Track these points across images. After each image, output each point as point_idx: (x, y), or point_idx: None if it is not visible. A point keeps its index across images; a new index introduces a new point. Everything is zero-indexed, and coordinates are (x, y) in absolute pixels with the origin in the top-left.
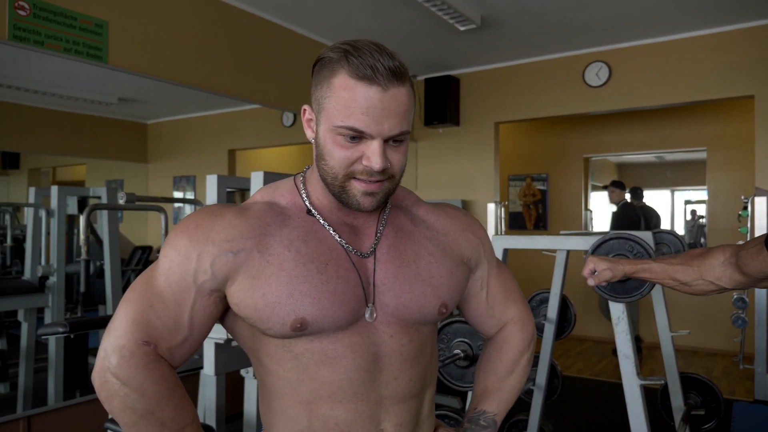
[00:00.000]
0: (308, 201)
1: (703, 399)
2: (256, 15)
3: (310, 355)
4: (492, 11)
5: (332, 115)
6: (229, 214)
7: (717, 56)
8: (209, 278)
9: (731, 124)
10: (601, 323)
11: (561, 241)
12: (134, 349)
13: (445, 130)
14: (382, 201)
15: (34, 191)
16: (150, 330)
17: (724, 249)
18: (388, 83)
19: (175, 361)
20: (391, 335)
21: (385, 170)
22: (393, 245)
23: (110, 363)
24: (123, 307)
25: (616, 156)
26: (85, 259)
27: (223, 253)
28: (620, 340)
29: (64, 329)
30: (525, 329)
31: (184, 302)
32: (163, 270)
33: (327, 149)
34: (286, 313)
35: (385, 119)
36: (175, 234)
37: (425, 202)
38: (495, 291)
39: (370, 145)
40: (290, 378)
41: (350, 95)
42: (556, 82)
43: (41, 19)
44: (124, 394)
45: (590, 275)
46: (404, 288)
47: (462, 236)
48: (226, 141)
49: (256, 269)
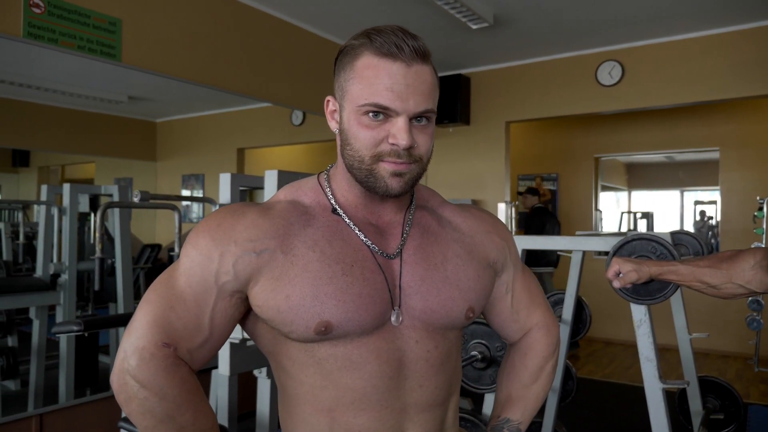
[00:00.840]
0: (333, 199)
1: (722, 403)
2: (268, 13)
3: (333, 360)
4: (505, 9)
5: (356, 96)
6: (252, 213)
7: (731, 55)
8: (231, 279)
9: (744, 123)
10: (611, 324)
11: (579, 241)
12: (154, 351)
13: (455, 129)
14: (410, 184)
15: (46, 189)
16: (170, 331)
17: (755, 252)
18: (411, 60)
19: (195, 363)
20: (417, 341)
21: (411, 151)
22: (420, 246)
23: (130, 365)
24: (143, 308)
25: (626, 156)
26: (99, 257)
27: (246, 253)
28: (642, 343)
29: (79, 327)
30: (550, 335)
31: (205, 303)
32: (184, 270)
33: (352, 132)
34: (310, 315)
35: (410, 95)
36: (196, 233)
37: (450, 203)
38: (520, 295)
39: (396, 122)
40: (312, 384)
41: (374, 72)
42: (568, 81)
43: (56, 17)
44: (143, 396)
45: (615, 277)
46: (431, 291)
47: (488, 238)
48: (235, 139)
49: (280, 270)
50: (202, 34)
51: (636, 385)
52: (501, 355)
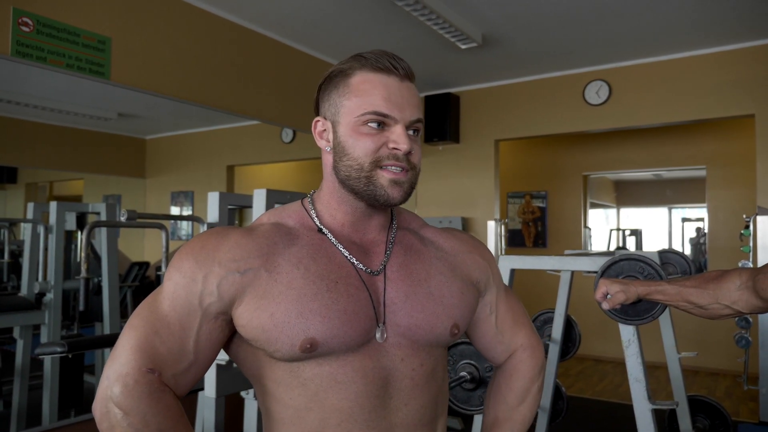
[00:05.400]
0: (318, 220)
1: (711, 422)
2: (258, 32)
3: (319, 380)
4: (493, 30)
5: (354, 108)
6: (235, 234)
7: (717, 75)
8: (215, 300)
9: (731, 142)
10: (601, 342)
11: (568, 261)
12: (138, 377)
13: (445, 148)
14: (408, 193)
15: (33, 207)
16: (154, 357)
17: (741, 273)
18: (403, 76)
19: (180, 389)
20: (402, 359)
21: (409, 157)
22: (403, 264)
23: (113, 392)
24: (126, 333)
25: (614, 174)
26: (84, 277)
27: (230, 273)
28: (631, 364)
29: (62, 349)
30: (535, 356)
31: (189, 326)
32: (167, 293)
33: (350, 143)
34: (295, 333)
35: (405, 105)
36: (179, 256)
37: (431, 226)
38: (504, 316)
39: (395, 130)
40: (297, 406)
41: (371, 85)
42: (556, 101)
43: (44, 35)
44: (126, 424)
45: (603, 298)
46: (416, 307)
47: (470, 258)
48: (225, 157)
49: (264, 288)
50: (191, 53)
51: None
52: (490, 375)
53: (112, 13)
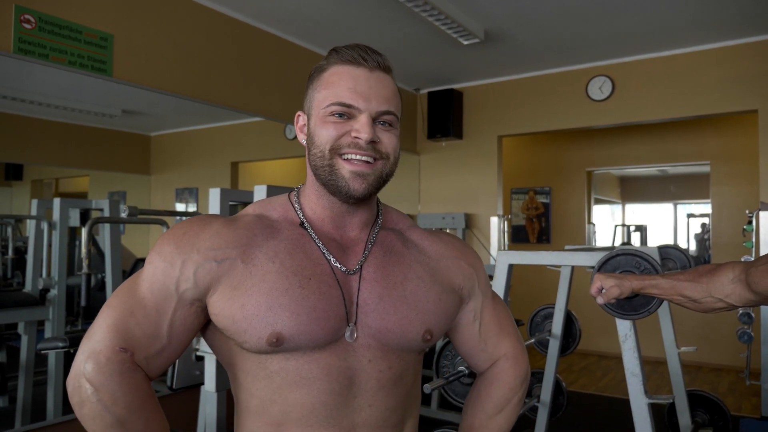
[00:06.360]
0: (302, 213)
1: (711, 417)
2: (260, 28)
3: (284, 374)
4: (495, 26)
5: (321, 100)
6: (217, 223)
7: (721, 71)
8: (191, 286)
9: (735, 138)
10: (605, 338)
11: (566, 257)
12: (110, 356)
13: (448, 144)
14: (375, 185)
15: (37, 203)
16: (128, 337)
17: (734, 266)
18: (373, 67)
19: (152, 371)
20: (369, 360)
21: (376, 146)
22: (380, 265)
23: (85, 368)
24: (104, 313)
25: (619, 169)
26: (86, 273)
27: (207, 261)
28: (628, 358)
29: (64, 344)
30: (518, 366)
31: (164, 310)
32: (146, 276)
33: (316, 133)
34: (263, 326)
35: (372, 96)
36: (161, 241)
37: (419, 228)
38: (488, 324)
39: (359, 119)
40: (262, 397)
41: (339, 77)
42: (559, 96)
43: (47, 32)
44: (96, 400)
45: (598, 293)
46: (388, 310)
47: (455, 263)
48: (229, 153)
49: (239, 279)
50: (194, 49)
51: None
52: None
53: (114, 10)
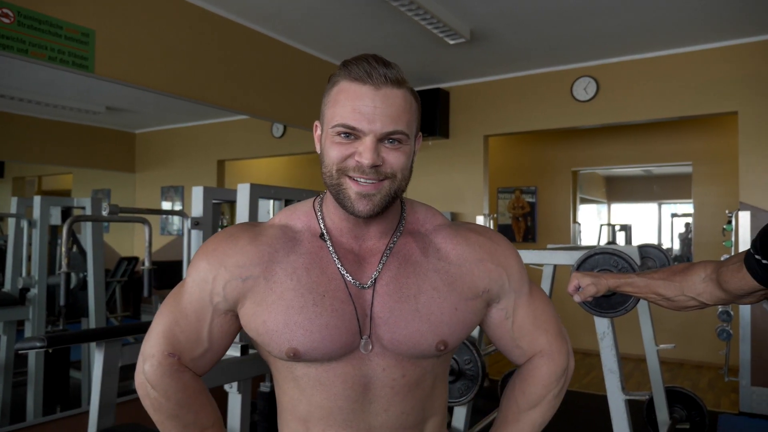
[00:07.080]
0: (323, 223)
1: (688, 412)
2: (246, 26)
3: (307, 378)
4: (481, 25)
5: (329, 118)
6: (243, 239)
7: (702, 73)
8: (222, 300)
9: (716, 139)
10: (588, 336)
11: (547, 255)
12: (161, 359)
13: (434, 143)
14: (382, 205)
15: (17, 201)
16: (175, 343)
17: (705, 265)
18: (380, 84)
19: (199, 370)
20: (383, 368)
21: (378, 169)
22: (394, 277)
23: (144, 368)
24: (157, 319)
25: (605, 169)
26: (65, 271)
27: (234, 278)
28: (605, 355)
29: (42, 344)
30: (553, 362)
31: (203, 319)
32: (187, 289)
33: (325, 151)
34: (282, 341)
35: (377, 117)
36: (196, 256)
37: (448, 226)
38: (522, 321)
39: (363, 142)
40: (291, 396)
41: (345, 96)
42: (544, 97)
43: (26, 27)
44: (153, 396)
45: (575, 291)
46: (399, 323)
47: (479, 267)
48: (216, 151)
49: (261, 296)
50: (177, 46)
51: None
52: (469, 368)
53: (95, 5)
